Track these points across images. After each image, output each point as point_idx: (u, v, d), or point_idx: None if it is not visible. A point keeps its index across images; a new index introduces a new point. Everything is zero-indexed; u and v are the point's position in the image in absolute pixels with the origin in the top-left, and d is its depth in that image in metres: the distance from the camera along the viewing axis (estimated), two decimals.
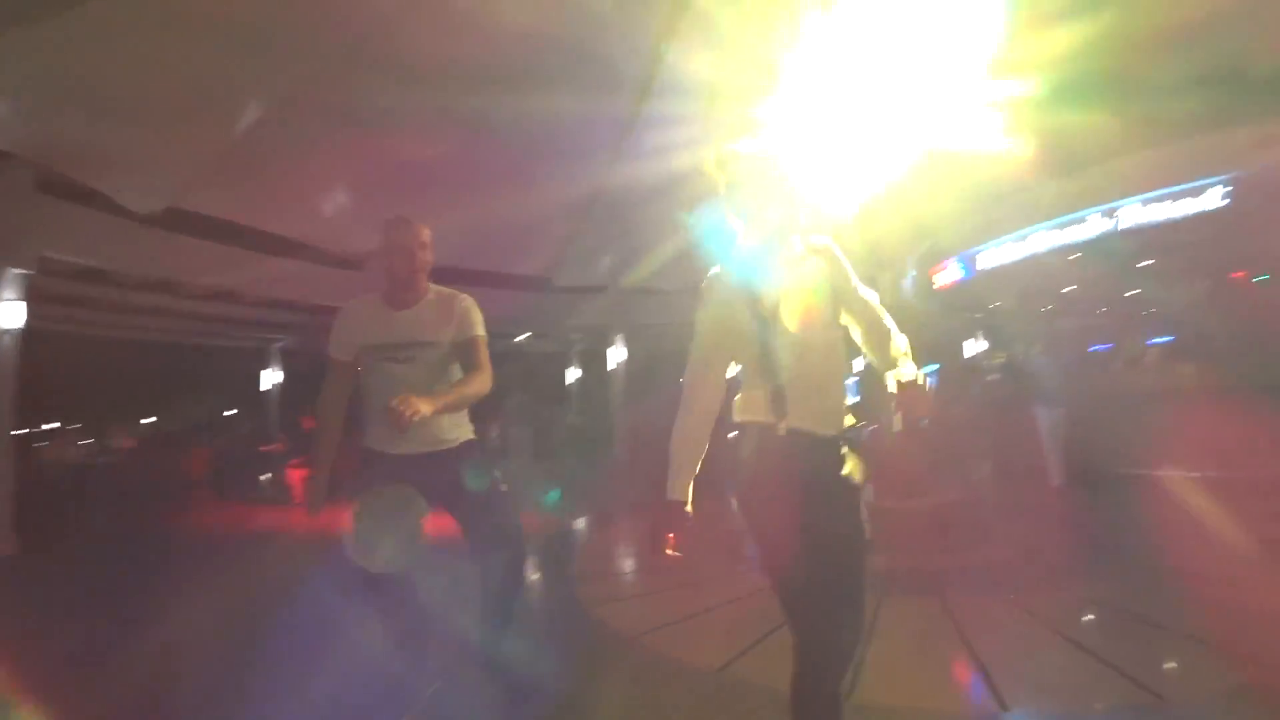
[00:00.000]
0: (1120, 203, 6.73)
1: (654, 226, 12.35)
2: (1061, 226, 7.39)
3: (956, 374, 9.33)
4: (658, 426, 1.69)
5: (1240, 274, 8.16)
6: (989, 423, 7.33)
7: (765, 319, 1.45)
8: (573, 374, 16.49)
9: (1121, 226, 6.79)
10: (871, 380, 2.41)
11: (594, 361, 16.43)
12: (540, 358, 16.29)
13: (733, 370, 1.56)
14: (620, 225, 11.93)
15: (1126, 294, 8.97)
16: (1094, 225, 7.07)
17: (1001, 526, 4.96)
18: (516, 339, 14.73)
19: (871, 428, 4.11)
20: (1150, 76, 5.37)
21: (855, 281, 1.58)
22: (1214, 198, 6.22)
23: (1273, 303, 7.18)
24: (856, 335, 1.61)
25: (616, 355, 13.59)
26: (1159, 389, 6.85)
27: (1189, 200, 6.31)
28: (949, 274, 9.14)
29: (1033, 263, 7.91)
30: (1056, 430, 6.48)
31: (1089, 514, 5.34)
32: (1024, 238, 7.74)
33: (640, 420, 13.50)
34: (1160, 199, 6.50)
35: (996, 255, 8.42)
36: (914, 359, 1.55)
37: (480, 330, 2.25)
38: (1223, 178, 6.18)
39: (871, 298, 1.59)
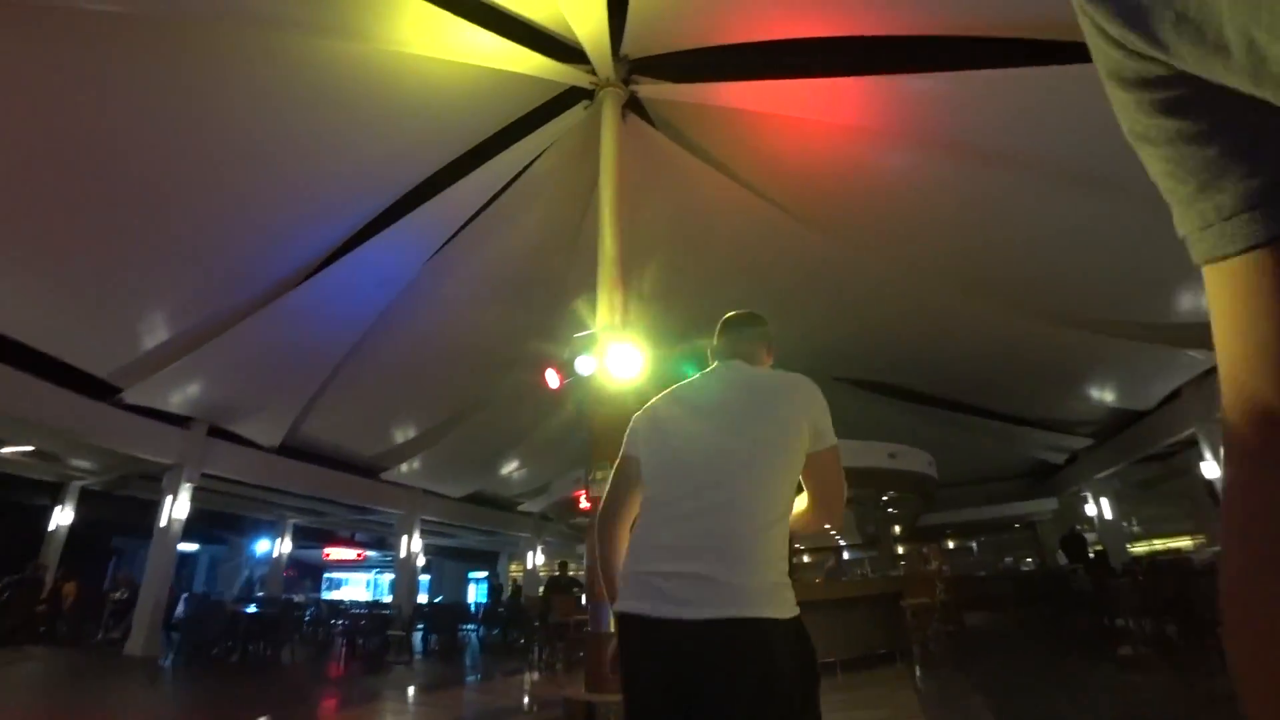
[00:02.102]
0: None
1: (290, 383, 10.84)
2: None
3: None
4: None
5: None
6: None
7: None
8: (61, 519, 11.52)
9: None
10: None
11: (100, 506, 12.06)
12: (24, 485, 11.04)
13: None
14: (256, 368, 10.08)
15: None
16: None
17: None
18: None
19: None
20: None
21: None
22: None
23: None
24: None
25: (178, 510, 10.32)
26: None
27: None
28: None
29: None
30: None
31: None
32: None
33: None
34: None
35: None
36: None
37: None
38: None
39: None
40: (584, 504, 11.44)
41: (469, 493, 17.41)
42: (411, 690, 7.35)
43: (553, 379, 6.45)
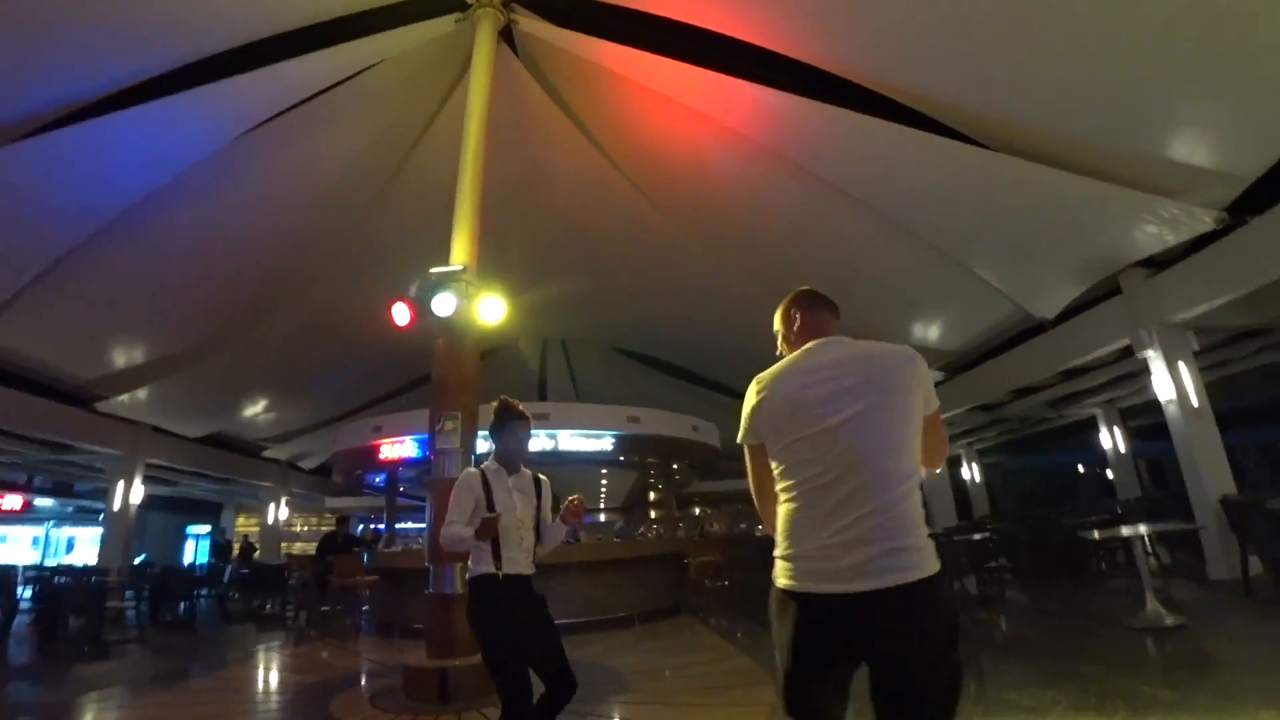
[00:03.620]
0: (558, 431, 9.38)
1: None
2: None
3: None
4: None
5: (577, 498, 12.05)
6: None
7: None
8: None
9: (559, 447, 9.39)
10: None
11: None
12: None
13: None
14: None
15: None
16: (539, 442, 9.40)
17: None
18: None
19: None
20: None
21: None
22: (608, 443, 9.56)
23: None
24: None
25: None
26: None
27: (596, 440, 9.48)
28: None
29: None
30: None
31: None
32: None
33: None
34: (584, 436, 9.48)
35: None
36: None
37: None
38: (615, 432, 9.66)
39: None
40: (387, 453, 10.50)
41: (208, 433, 14.80)
42: (184, 675, 6.13)
43: (402, 314, 5.83)
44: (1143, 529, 5.55)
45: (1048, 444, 17.79)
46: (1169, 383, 7.57)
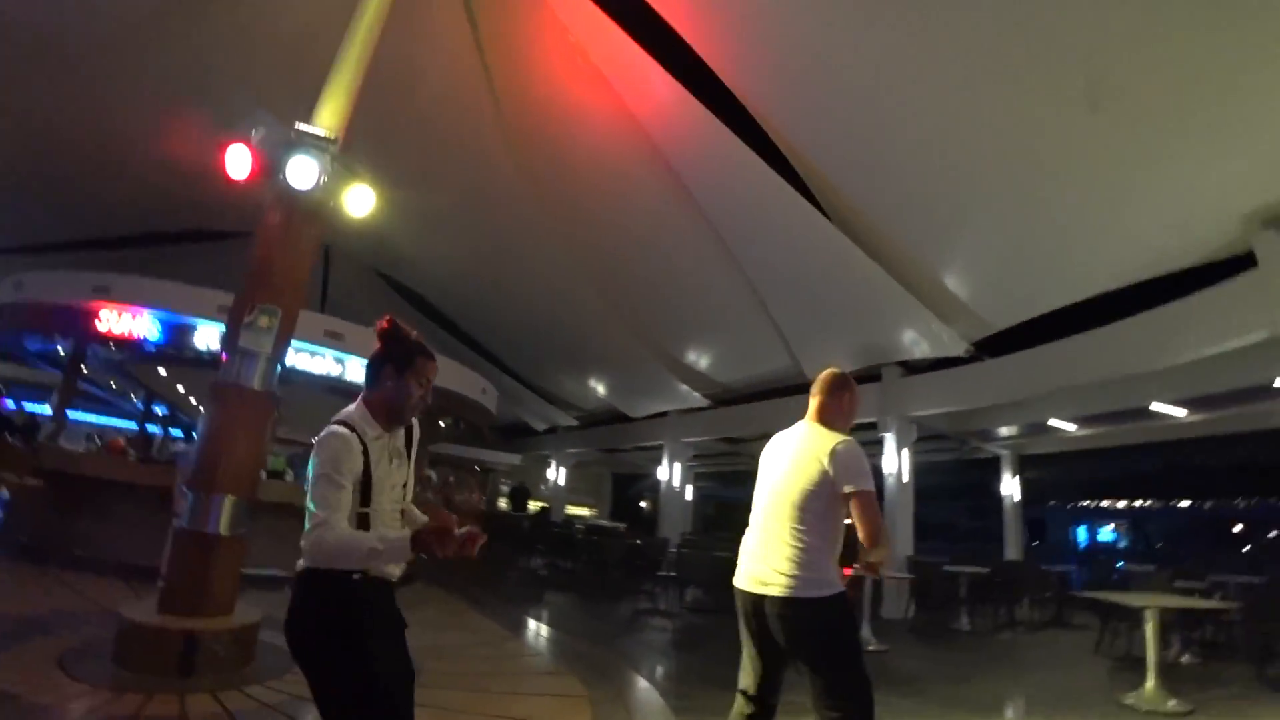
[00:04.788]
0: (348, 357, 8.02)
1: None
2: None
3: None
4: None
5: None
6: None
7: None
8: None
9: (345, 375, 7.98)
10: None
11: None
12: None
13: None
14: None
15: None
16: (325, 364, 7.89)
17: None
18: None
19: None
20: None
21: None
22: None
23: None
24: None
25: None
26: None
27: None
28: None
29: None
30: None
31: None
32: None
33: None
34: None
35: None
36: None
37: None
38: None
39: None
40: (111, 325, 7.68)
41: None
42: None
43: (240, 163, 4.49)
44: (873, 575, 6.73)
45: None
46: (895, 460, 9.39)
